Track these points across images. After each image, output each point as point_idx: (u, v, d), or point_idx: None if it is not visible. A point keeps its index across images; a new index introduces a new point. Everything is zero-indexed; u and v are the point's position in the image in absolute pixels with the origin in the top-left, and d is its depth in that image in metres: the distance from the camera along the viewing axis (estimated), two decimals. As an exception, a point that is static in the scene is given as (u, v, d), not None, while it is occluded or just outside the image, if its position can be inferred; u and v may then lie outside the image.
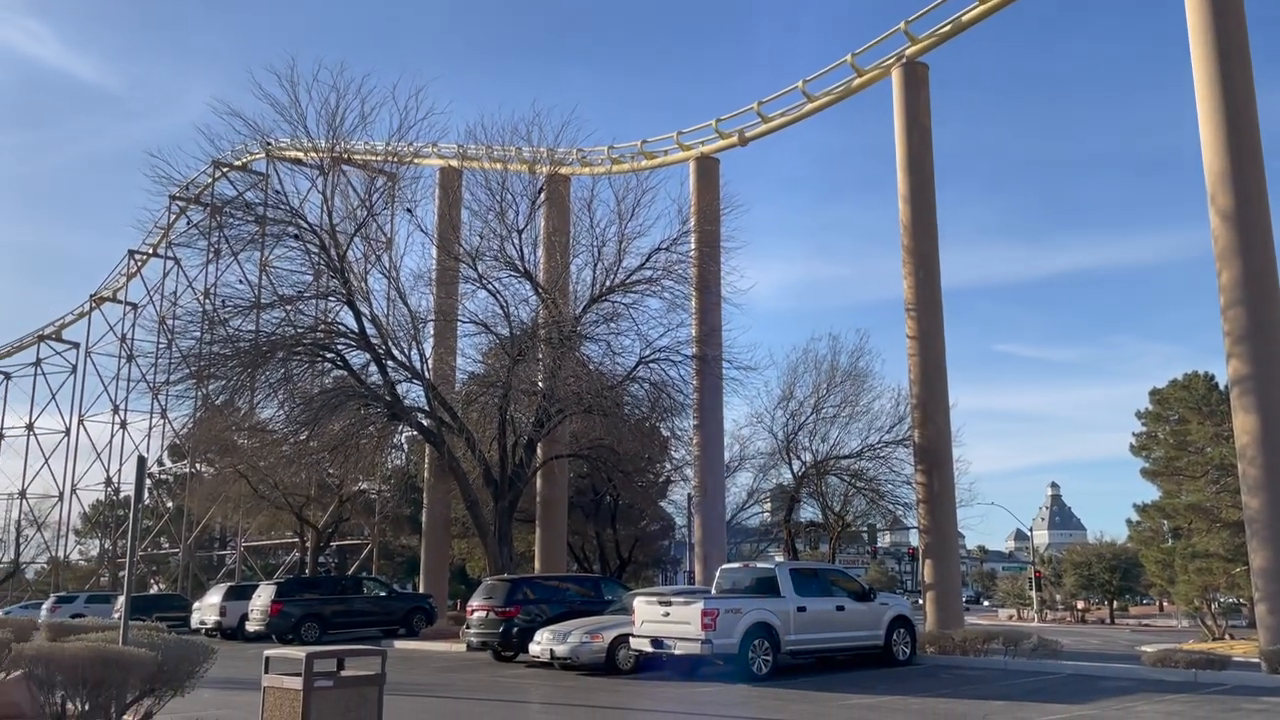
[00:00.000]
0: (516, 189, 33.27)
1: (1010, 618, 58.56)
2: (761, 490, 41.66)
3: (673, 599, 19.31)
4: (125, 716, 10.60)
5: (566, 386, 30.99)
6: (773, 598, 19.27)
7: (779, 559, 38.92)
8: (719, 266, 34.94)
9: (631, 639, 19.64)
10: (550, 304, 32.67)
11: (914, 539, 55.77)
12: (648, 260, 33.06)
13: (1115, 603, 61.88)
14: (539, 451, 34.65)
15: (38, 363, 74.42)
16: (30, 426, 73.05)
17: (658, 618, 18.99)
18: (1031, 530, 78.83)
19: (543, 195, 34.28)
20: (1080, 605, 64.04)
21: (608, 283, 32.90)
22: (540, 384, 32.32)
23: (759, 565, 22.05)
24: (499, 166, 34.37)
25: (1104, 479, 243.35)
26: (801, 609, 19.37)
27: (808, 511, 42.22)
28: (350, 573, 51.95)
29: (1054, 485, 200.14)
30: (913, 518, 35.38)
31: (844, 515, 40.18)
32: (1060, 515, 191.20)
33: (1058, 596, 67.84)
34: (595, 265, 33.03)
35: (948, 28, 30.80)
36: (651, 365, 33.60)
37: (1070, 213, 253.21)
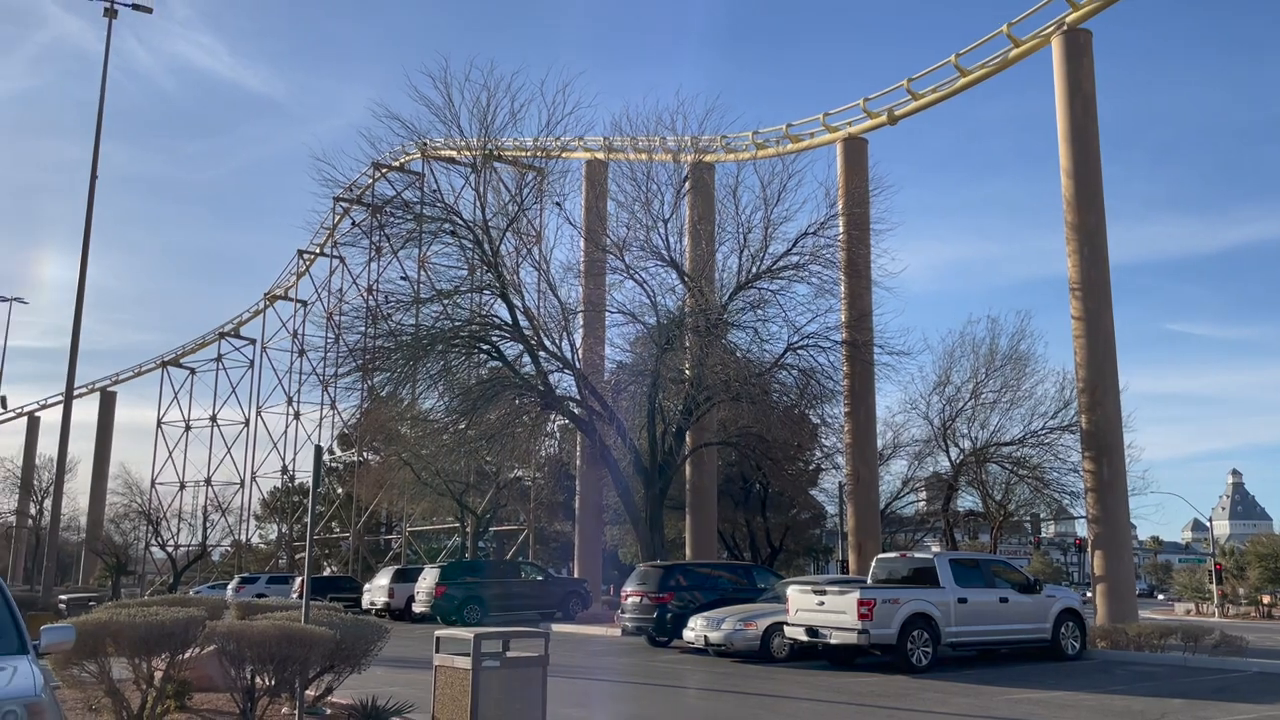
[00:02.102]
0: (661, 179, 33.43)
1: (1188, 612, 55.19)
2: (917, 478, 40.56)
3: (827, 588, 19.09)
4: (307, 691, 11.26)
5: (714, 374, 30.97)
6: (932, 588, 18.80)
7: (936, 549, 37.86)
8: (869, 250, 34.17)
9: (786, 627, 19.53)
10: (696, 292, 32.69)
11: (1081, 529, 53.36)
12: (795, 245, 32.64)
13: (1307, 598, 57.35)
14: (688, 439, 34.80)
15: (219, 358, 79.54)
16: (214, 418, 78.18)
17: (812, 606, 18.81)
18: (1211, 520, 73.91)
19: (687, 184, 34.30)
20: (1266, 600, 59.69)
21: (754, 269, 32.66)
22: (688, 372, 32.41)
23: (916, 555, 21.53)
24: (644, 157, 34.58)
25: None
26: (962, 600, 18.83)
27: (966, 500, 40.89)
28: (508, 557, 53.56)
29: (1235, 472, 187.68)
30: (1080, 507, 33.70)
31: (1005, 504, 38.67)
32: (1243, 504, 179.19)
33: (1240, 590, 63.42)
34: (741, 252, 32.86)
35: (1112, -10, 29.13)
36: (800, 352, 33.19)
37: (1249, 181, 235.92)
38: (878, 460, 36.89)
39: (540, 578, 36.70)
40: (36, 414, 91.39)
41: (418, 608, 33.55)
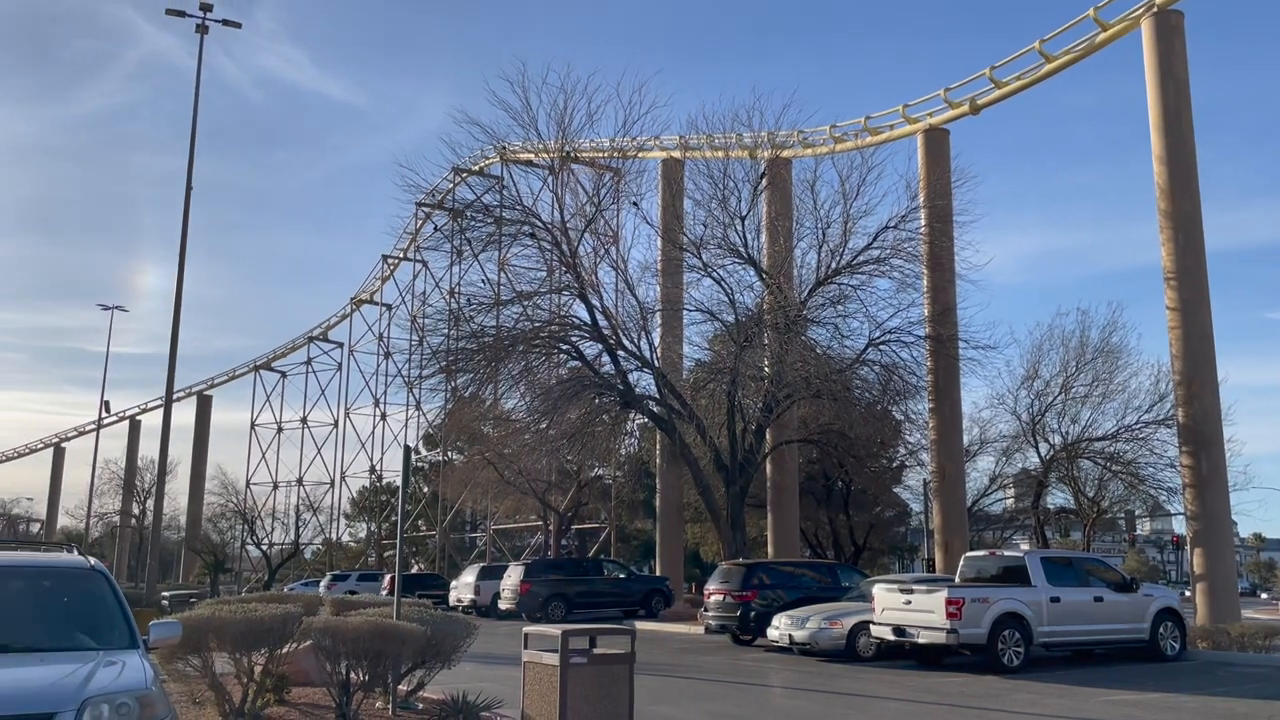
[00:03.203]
0: (738, 176, 33.32)
1: (1296, 613, 52.95)
2: (1005, 475, 39.69)
3: (914, 586, 18.83)
4: (400, 686, 11.52)
5: (794, 371, 30.76)
6: (1023, 587, 18.39)
7: (1025, 547, 36.97)
8: (951, 242, 33.55)
9: (872, 626, 19.30)
10: (775, 289, 32.49)
11: (1179, 526, 51.54)
12: (875, 240, 32.26)
13: None
14: (768, 437, 34.61)
15: (309, 362, 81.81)
16: (304, 420, 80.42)
17: (899, 605, 18.56)
18: (1319, 517, 70.75)
19: (764, 180, 34.12)
20: (1382, 601, 56.92)
21: (833, 265, 32.35)
22: (767, 369, 32.24)
23: (1006, 553, 21.10)
24: (720, 155, 34.50)
25: None
26: (1055, 599, 18.38)
27: (1057, 497, 39.81)
28: (589, 555, 53.96)
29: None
30: (1178, 503, 32.57)
31: (1099, 501, 37.54)
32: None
33: (1354, 591, 60.60)
34: (820, 248, 32.60)
35: (1205, -33, 28.04)
36: (882, 347, 32.77)
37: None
38: (964, 457, 36.18)
39: (623, 575, 36.89)
40: (138, 417, 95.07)
41: (503, 605, 34.03)
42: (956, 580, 20.13)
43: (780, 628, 20.94)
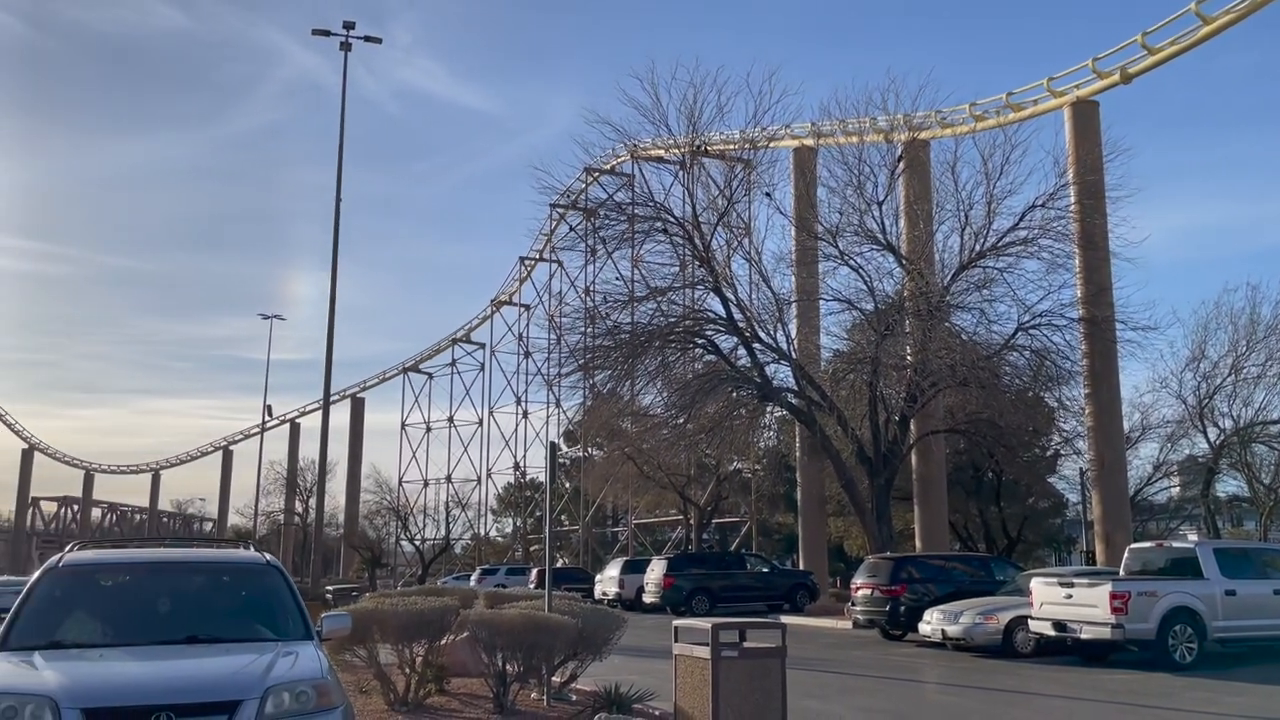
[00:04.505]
0: (874, 160, 32.58)
1: None
2: (1170, 463, 37.61)
3: (1075, 580, 18.03)
4: (553, 678, 11.77)
5: (938, 359, 29.89)
6: (1194, 580, 17.36)
7: (1194, 538, 34.96)
8: (1105, 219, 31.95)
9: (1030, 621, 18.59)
10: (916, 275, 31.65)
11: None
12: (1021, 220, 31.02)
13: None
14: (912, 427, 33.76)
15: (453, 363, 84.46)
16: (451, 419, 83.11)
17: (1059, 599, 17.80)
18: None
19: (901, 164, 33.27)
20: None
21: (977, 248, 31.30)
22: (910, 358, 31.46)
23: (1175, 545, 19.96)
24: (854, 140, 33.81)
25: None
26: (1230, 592, 17.27)
27: (1229, 485, 37.51)
28: (731, 549, 53.87)
29: None
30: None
31: (1276, 488, 35.16)
32: None
33: None
34: (962, 231, 31.58)
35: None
36: (1032, 332, 31.49)
37: None
38: (1124, 444, 34.45)
39: (766, 569, 36.68)
40: (297, 420, 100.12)
41: (647, 598, 34.33)
42: (1121, 573, 19.19)
43: (932, 622, 20.42)
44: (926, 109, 34.76)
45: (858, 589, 24.42)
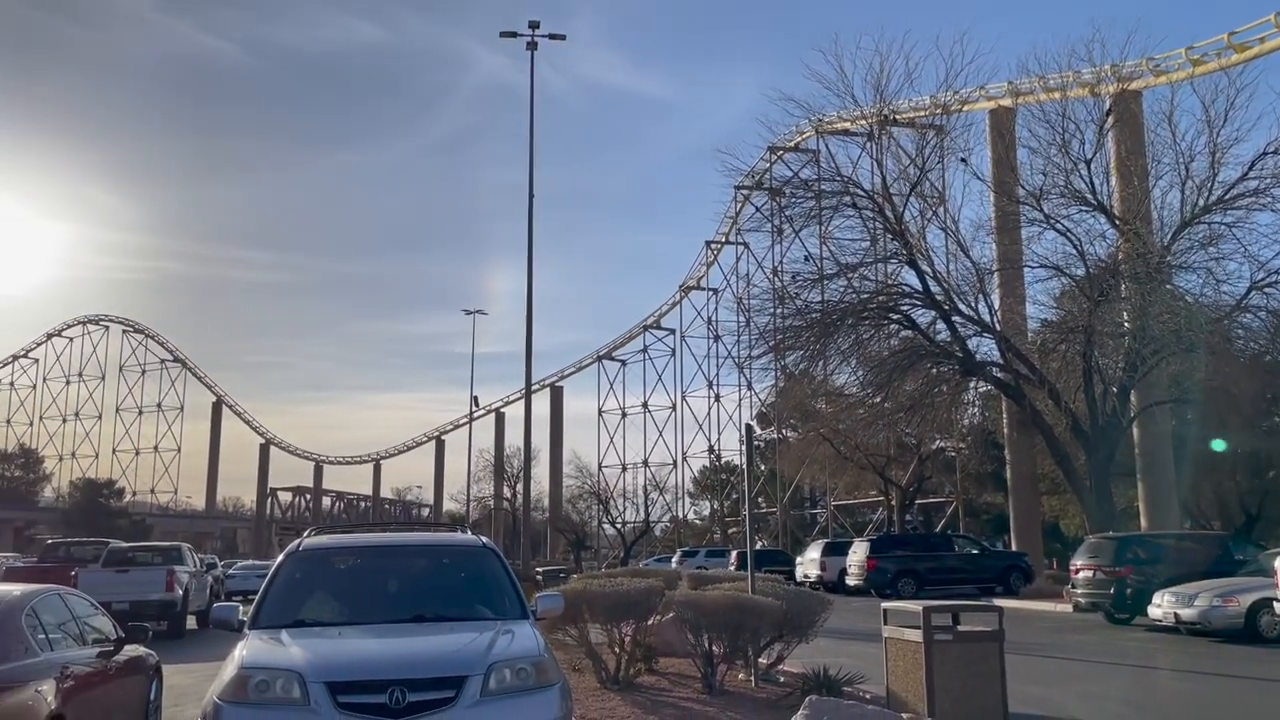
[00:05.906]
0: (1079, 116, 30.60)
1: None
2: None
3: (1330, 560, 16.40)
4: (760, 659, 11.76)
5: (1160, 324, 27.83)
6: None
7: None
8: (1356, 162, 28.75)
9: (1276, 604, 17.11)
10: (1131, 235, 29.55)
11: None
12: (1251, 169, 28.39)
13: None
14: (1133, 399, 31.62)
15: (645, 349, 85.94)
16: (645, 405, 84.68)
17: (1311, 581, 16.24)
18: None
19: (1110, 118, 31.09)
20: None
21: (1200, 202, 28.90)
22: (1127, 325, 29.48)
23: None
24: (1056, 96, 31.87)
25: None
26: None
27: None
28: (937, 530, 52.22)
29: None
30: None
31: None
32: None
33: None
34: (1183, 185, 29.20)
35: None
36: (1267, 290, 28.82)
37: None
38: (1383, 410, 31.01)
39: (975, 551, 35.34)
40: (502, 410, 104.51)
41: (850, 580, 33.76)
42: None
43: (1163, 605, 19.08)
44: (1136, 58, 32.38)
45: (1078, 570, 23.20)
